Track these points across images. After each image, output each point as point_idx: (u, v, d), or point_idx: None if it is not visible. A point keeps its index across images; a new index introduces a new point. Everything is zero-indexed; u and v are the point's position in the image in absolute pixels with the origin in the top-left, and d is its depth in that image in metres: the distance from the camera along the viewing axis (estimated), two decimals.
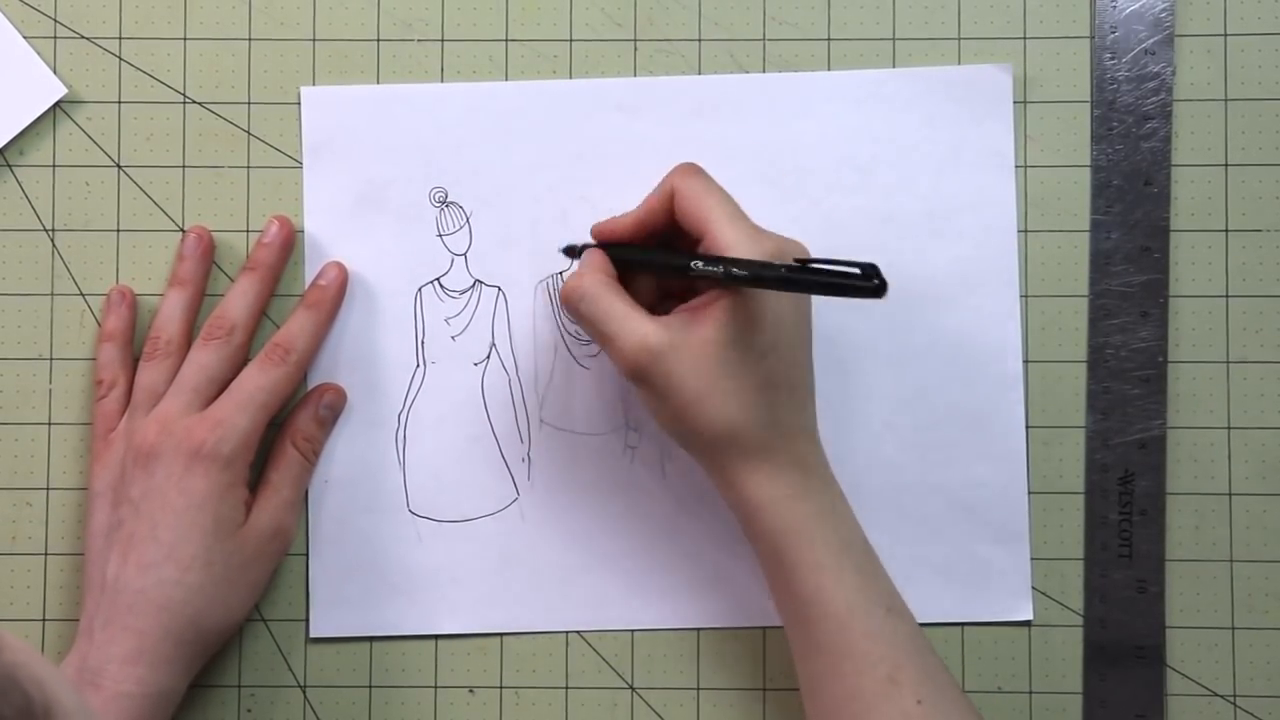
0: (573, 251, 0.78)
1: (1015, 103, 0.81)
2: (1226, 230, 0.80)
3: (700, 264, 0.69)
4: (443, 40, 0.81)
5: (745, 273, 0.68)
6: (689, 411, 0.70)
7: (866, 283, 0.64)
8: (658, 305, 0.75)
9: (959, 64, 0.81)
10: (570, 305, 0.73)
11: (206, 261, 0.80)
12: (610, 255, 0.75)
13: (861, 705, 0.69)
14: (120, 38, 0.82)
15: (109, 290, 0.80)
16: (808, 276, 0.67)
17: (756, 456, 0.71)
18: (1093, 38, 0.81)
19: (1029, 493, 0.79)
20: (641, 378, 0.71)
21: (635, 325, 0.70)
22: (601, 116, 0.81)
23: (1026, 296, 0.80)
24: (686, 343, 0.69)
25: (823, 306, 0.76)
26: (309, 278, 0.80)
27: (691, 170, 0.74)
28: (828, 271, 0.66)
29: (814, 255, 0.69)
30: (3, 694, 0.40)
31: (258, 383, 0.76)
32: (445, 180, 0.81)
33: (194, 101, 0.81)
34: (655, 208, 0.74)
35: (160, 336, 0.78)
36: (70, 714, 0.43)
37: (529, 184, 0.81)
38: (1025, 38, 0.81)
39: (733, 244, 0.70)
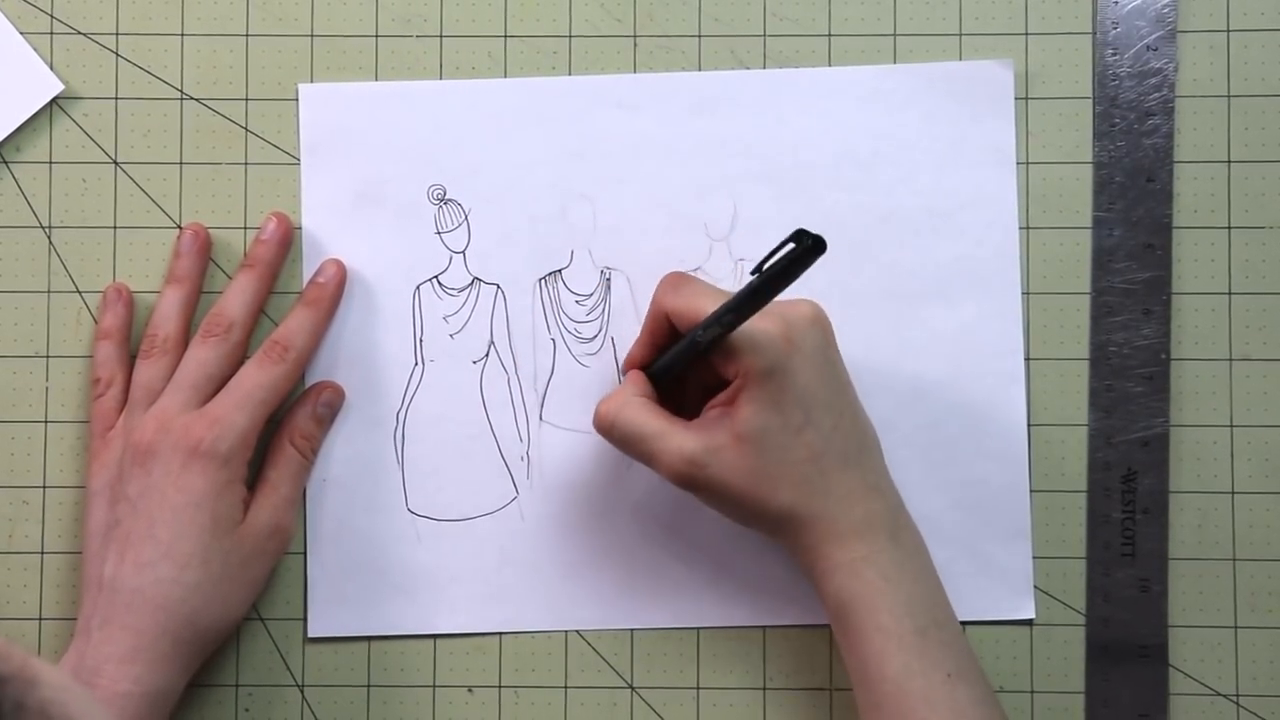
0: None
1: (1017, 99, 0.80)
2: (1229, 227, 0.80)
3: (699, 332, 0.70)
4: (441, 36, 0.81)
5: (728, 317, 0.69)
6: (744, 505, 0.71)
7: (804, 244, 0.65)
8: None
9: (960, 60, 0.81)
10: (604, 432, 0.74)
11: (203, 258, 0.80)
12: (649, 373, 0.76)
13: None
14: (117, 33, 0.81)
15: (106, 288, 0.80)
16: (765, 277, 0.67)
17: (818, 528, 0.71)
18: (1094, 33, 0.80)
19: (1031, 491, 0.79)
20: (691, 487, 0.72)
21: (672, 439, 0.72)
22: (601, 113, 0.81)
23: (1028, 294, 0.80)
24: (724, 443, 0.71)
25: (824, 302, 0.75)
26: (307, 275, 0.80)
27: (675, 284, 0.74)
28: (776, 262, 0.66)
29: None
30: None
31: (256, 380, 0.76)
32: (444, 178, 0.80)
33: (191, 98, 0.81)
34: (656, 327, 0.75)
35: (157, 334, 0.78)
36: None
37: (528, 181, 0.80)
38: (1027, 33, 0.81)
39: (737, 346, 0.70)
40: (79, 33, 0.81)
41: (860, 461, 0.72)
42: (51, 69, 0.81)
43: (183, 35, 0.81)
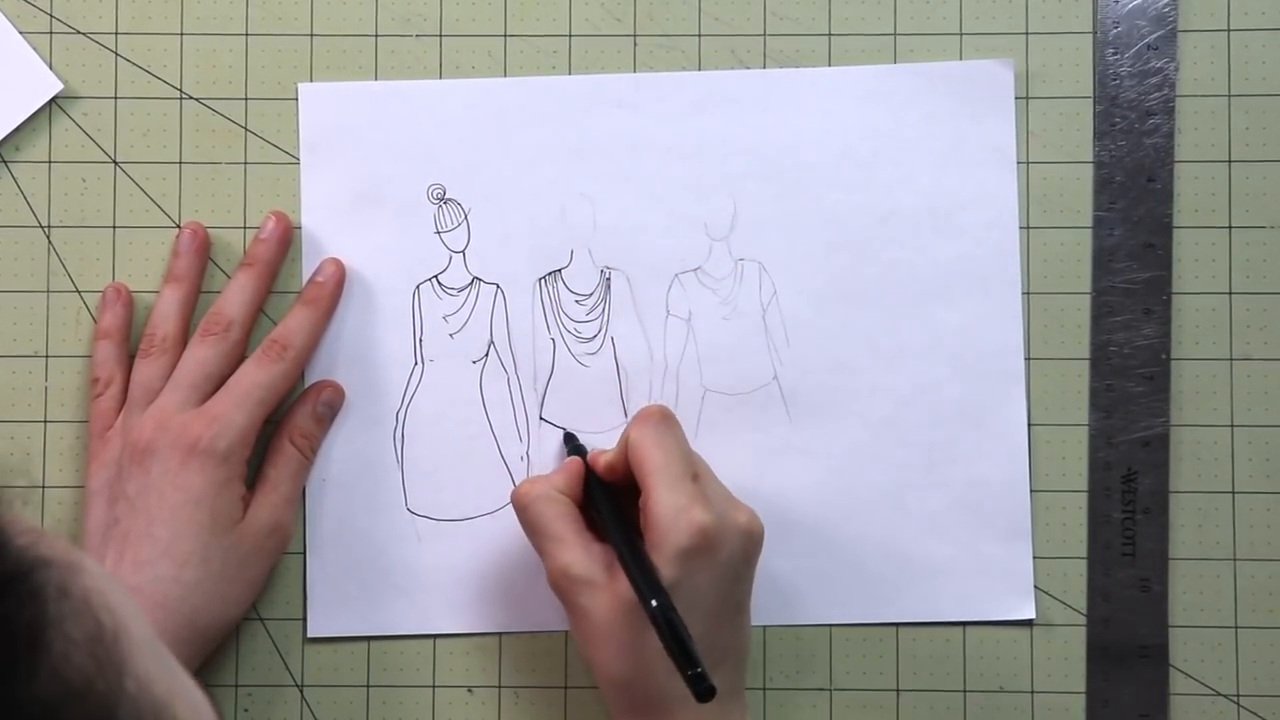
0: (570, 439, 0.79)
1: (1017, 98, 0.80)
2: (1230, 226, 0.80)
3: (616, 535, 0.70)
4: (441, 35, 0.81)
5: (630, 570, 0.68)
6: (589, 648, 0.71)
7: (697, 682, 0.64)
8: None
9: (961, 59, 0.80)
10: (516, 508, 0.73)
11: (202, 257, 0.80)
12: (590, 476, 0.75)
13: None
14: (116, 33, 0.81)
15: (105, 288, 0.80)
16: (664, 632, 0.65)
17: (647, 713, 0.70)
18: (1095, 33, 0.80)
19: (1031, 491, 0.79)
20: (560, 597, 0.72)
21: (566, 551, 0.71)
22: (601, 112, 0.80)
23: (1029, 293, 0.80)
24: (604, 586, 0.70)
25: (824, 302, 0.75)
26: (306, 274, 0.80)
27: (649, 418, 0.73)
28: (678, 645, 0.65)
29: (810, 255, 0.67)
30: (76, 617, 0.40)
31: (255, 379, 0.76)
32: (443, 177, 0.80)
33: (191, 97, 0.81)
34: (622, 454, 0.73)
35: (156, 333, 0.78)
36: (139, 641, 0.42)
37: (528, 181, 0.80)
38: (1027, 33, 0.80)
39: (659, 514, 0.69)
40: (78, 32, 0.81)
41: (714, 671, 0.67)
42: (51, 68, 0.81)
43: (182, 34, 0.81)
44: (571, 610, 0.71)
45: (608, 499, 0.74)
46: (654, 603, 0.66)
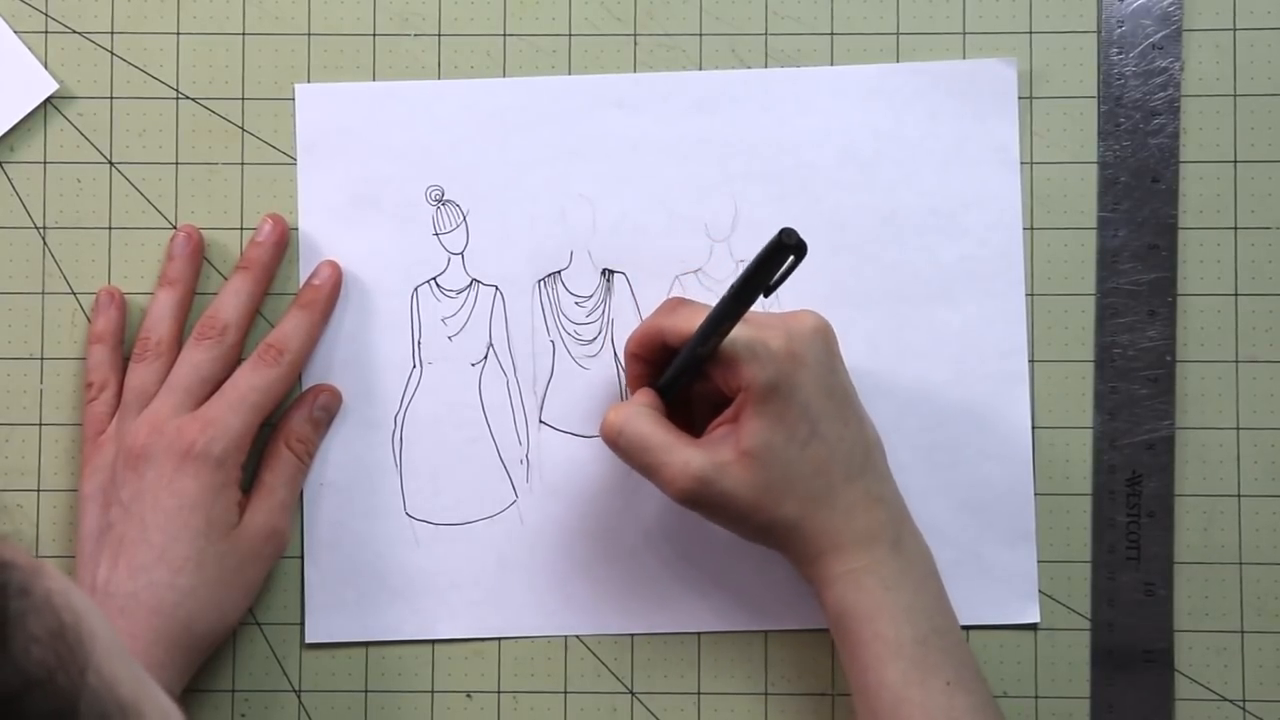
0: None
1: (1021, 98, 0.80)
2: (1235, 228, 0.79)
3: (696, 345, 0.70)
4: (439, 35, 0.81)
5: (722, 324, 0.68)
6: (749, 520, 0.71)
7: (787, 243, 0.64)
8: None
9: (964, 59, 0.80)
10: (610, 440, 0.73)
11: (196, 260, 0.79)
12: (657, 389, 0.75)
13: None
14: (112, 32, 0.81)
15: (98, 291, 0.79)
16: (745, 276, 0.66)
17: (821, 540, 0.71)
18: (1099, 32, 0.80)
19: (1035, 494, 0.79)
20: (695, 504, 0.71)
21: (678, 454, 0.71)
22: (600, 113, 0.80)
23: (1032, 295, 0.79)
24: (727, 460, 0.70)
25: (826, 303, 0.75)
26: (303, 277, 0.79)
27: (672, 307, 0.74)
28: (759, 263, 0.66)
29: (811, 256, 0.67)
30: (37, 614, 0.41)
31: (250, 383, 0.75)
32: (441, 178, 0.80)
33: (187, 97, 0.81)
34: (652, 350, 0.74)
35: (150, 337, 0.77)
36: (103, 643, 0.43)
37: (527, 182, 0.80)
38: (1031, 32, 0.80)
39: (736, 350, 0.70)
40: (74, 32, 0.81)
41: (865, 472, 0.72)
42: (46, 68, 0.81)
43: (178, 34, 0.81)
44: (717, 502, 0.71)
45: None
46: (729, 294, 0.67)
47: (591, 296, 0.80)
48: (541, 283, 0.80)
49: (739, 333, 0.70)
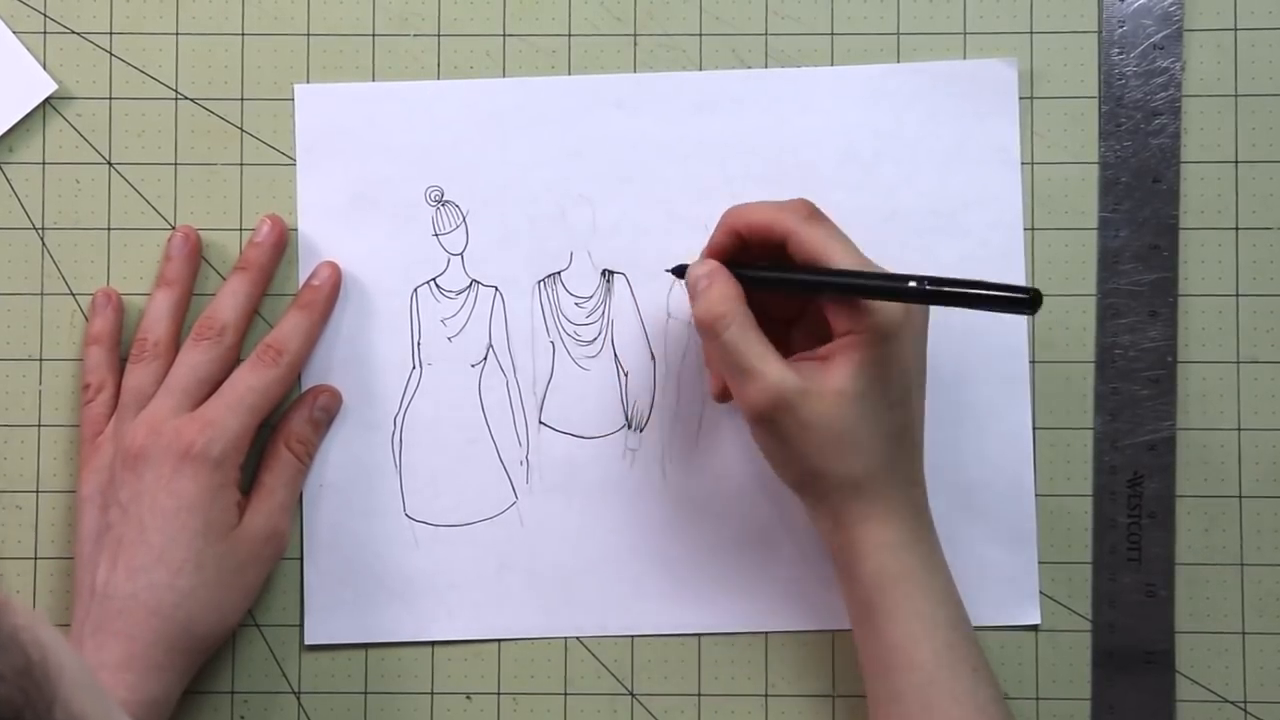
0: (681, 272, 0.75)
1: (1022, 99, 0.80)
2: (1237, 228, 0.79)
3: (855, 282, 0.69)
4: (439, 35, 0.80)
5: (931, 286, 0.67)
6: (816, 459, 0.70)
7: (1018, 295, 0.63)
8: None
9: (965, 59, 0.80)
10: (711, 329, 0.70)
11: (194, 261, 0.79)
12: (739, 276, 0.72)
13: None
14: (111, 33, 0.81)
15: (95, 292, 0.79)
16: (952, 294, 0.66)
17: (876, 504, 0.70)
18: (1100, 32, 0.80)
19: (1036, 495, 0.79)
20: (770, 420, 0.69)
21: (772, 367, 0.69)
22: (600, 113, 0.80)
23: None
24: (820, 391, 0.69)
25: None
26: (302, 277, 0.79)
27: (811, 218, 0.71)
28: (969, 283, 0.66)
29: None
30: (3, 651, 0.41)
31: (249, 384, 0.75)
32: (441, 179, 0.80)
33: (186, 98, 0.81)
34: (735, 237, 0.73)
35: (148, 338, 0.77)
36: (71, 676, 0.43)
37: (526, 182, 0.80)
38: (1032, 32, 0.80)
39: (816, 239, 0.70)
40: (73, 32, 0.81)
41: (920, 455, 0.73)
42: (45, 69, 0.80)
43: (177, 34, 0.81)
44: (790, 428, 0.69)
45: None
46: (913, 284, 0.66)
47: (591, 297, 0.80)
48: (541, 283, 0.80)
49: (811, 224, 0.70)
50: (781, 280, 0.72)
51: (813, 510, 0.72)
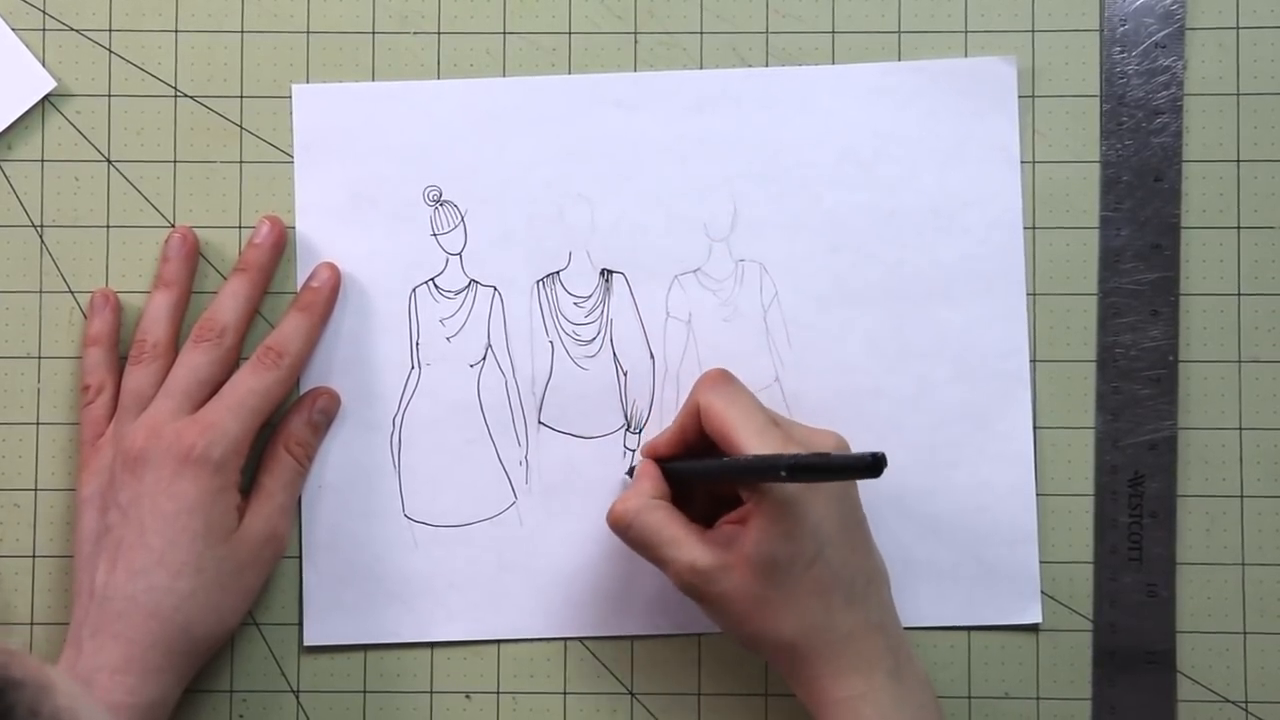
0: (632, 472, 0.79)
1: (1023, 97, 0.79)
2: (1239, 227, 0.79)
3: (724, 461, 0.71)
4: (439, 33, 0.80)
5: (750, 471, 0.69)
6: (745, 625, 0.71)
7: (863, 464, 0.64)
8: (714, 510, 0.75)
9: (966, 58, 0.80)
10: (619, 531, 0.73)
11: (191, 262, 0.79)
12: (667, 468, 0.75)
13: None
14: (110, 30, 0.81)
15: (93, 293, 0.79)
16: (812, 469, 0.66)
17: (818, 661, 0.70)
18: (1102, 31, 0.80)
19: (1037, 495, 0.78)
20: (696, 597, 0.72)
21: (684, 549, 0.71)
22: (599, 112, 0.80)
23: (1034, 295, 0.79)
24: (733, 563, 0.70)
25: (826, 303, 0.74)
26: (301, 276, 0.79)
27: (715, 382, 0.74)
28: (827, 458, 0.67)
29: (812, 255, 0.67)
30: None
31: (249, 386, 0.75)
32: (439, 178, 0.79)
33: (186, 95, 0.80)
34: (687, 421, 0.75)
35: (147, 339, 0.77)
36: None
37: (525, 182, 0.79)
38: (1033, 31, 0.80)
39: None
40: (72, 29, 0.81)
41: (866, 598, 0.71)
42: (44, 66, 0.80)
43: (177, 32, 0.81)
44: (714, 601, 0.71)
45: (695, 456, 0.75)
46: (786, 467, 0.66)
47: (590, 297, 0.79)
48: (540, 283, 0.79)
49: (764, 443, 0.70)
50: (691, 472, 0.75)
51: (775, 670, 0.74)
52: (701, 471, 0.74)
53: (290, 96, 0.80)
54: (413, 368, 0.79)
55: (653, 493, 0.74)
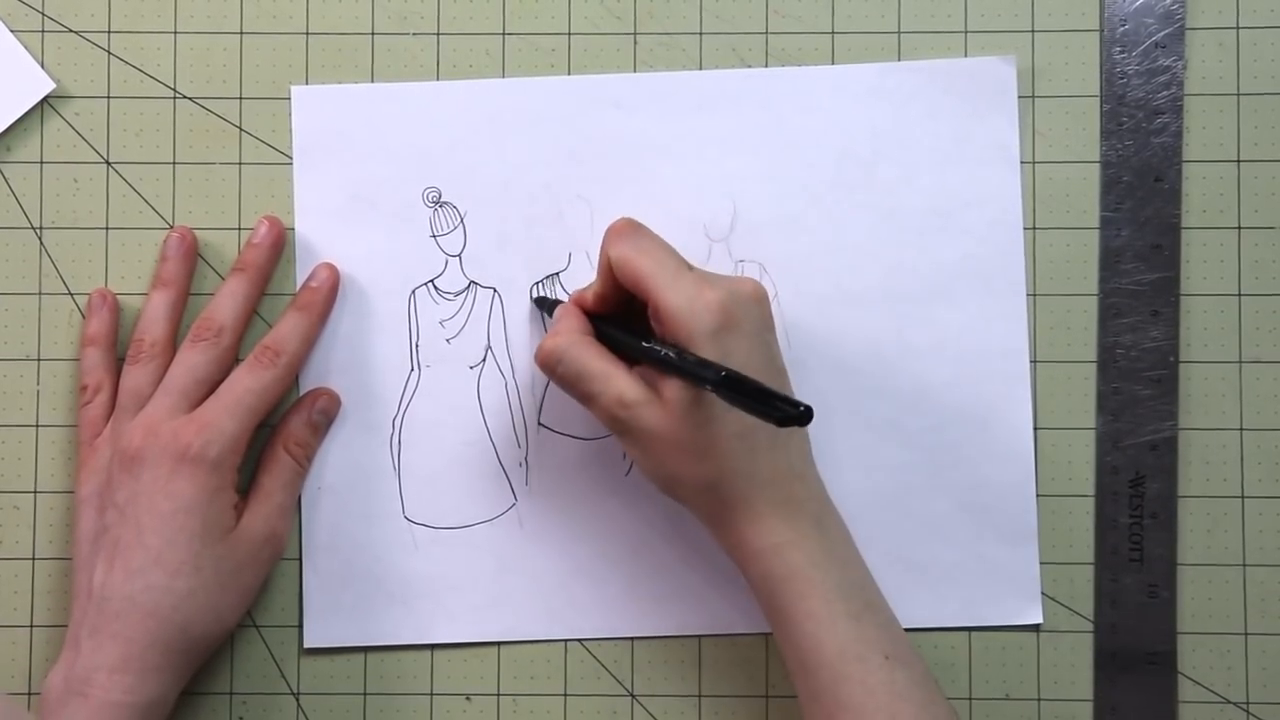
0: (543, 303, 0.78)
1: (1023, 97, 0.79)
2: (1239, 227, 0.79)
3: (647, 347, 0.70)
4: (438, 34, 0.80)
5: (678, 366, 0.68)
6: (667, 465, 0.70)
7: (792, 409, 0.62)
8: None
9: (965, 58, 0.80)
10: (548, 368, 0.73)
11: (190, 262, 0.79)
12: (600, 329, 0.75)
13: None
14: (109, 31, 0.81)
15: (91, 293, 0.79)
16: (737, 389, 0.64)
17: (740, 506, 0.70)
18: (1102, 31, 0.79)
19: (1037, 495, 0.78)
20: (621, 431, 0.71)
21: (613, 383, 0.71)
22: (598, 113, 0.80)
23: (1035, 295, 0.79)
24: (659, 398, 0.70)
25: (826, 303, 0.74)
26: (300, 278, 0.79)
27: (621, 232, 0.73)
28: (754, 393, 0.64)
29: (811, 255, 0.67)
30: None
31: (247, 385, 0.75)
32: (439, 180, 0.79)
33: (184, 97, 0.80)
34: (607, 278, 0.74)
35: (144, 339, 0.77)
36: None
37: (524, 183, 0.79)
38: (1033, 31, 0.80)
39: (675, 310, 0.69)
40: (71, 31, 0.80)
41: (788, 445, 0.71)
42: (43, 67, 0.80)
43: (175, 33, 0.80)
44: (637, 437, 0.70)
45: (617, 323, 0.74)
46: (718, 374, 0.65)
47: None
48: (540, 284, 0.79)
49: (679, 288, 0.69)
50: (611, 338, 0.74)
51: (696, 516, 0.73)
52: (637, 351, 0.72)
53: (289, 98, 0.80)
54: (412, 369, 0.79)
55: (580, 329, 0.73)
